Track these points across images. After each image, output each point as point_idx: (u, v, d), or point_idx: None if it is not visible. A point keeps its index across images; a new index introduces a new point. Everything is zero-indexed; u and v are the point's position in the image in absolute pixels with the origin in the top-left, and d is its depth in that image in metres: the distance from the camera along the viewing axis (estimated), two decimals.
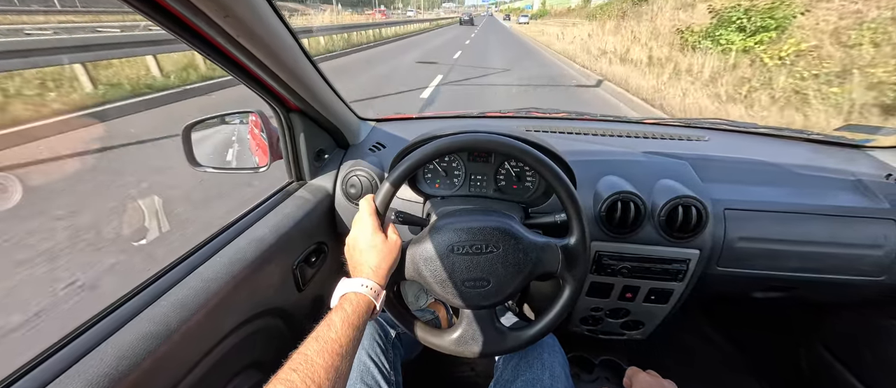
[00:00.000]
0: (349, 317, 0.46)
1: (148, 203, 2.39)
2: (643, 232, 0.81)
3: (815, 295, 0.97)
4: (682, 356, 1.34)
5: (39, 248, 1.94)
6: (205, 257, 0.62)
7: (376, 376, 0.70)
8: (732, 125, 1.18)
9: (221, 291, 0.58)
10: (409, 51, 12.15)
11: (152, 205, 2.36)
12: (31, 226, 2.11)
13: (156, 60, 5.53)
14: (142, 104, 4.61)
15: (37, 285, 1.70)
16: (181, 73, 5.77)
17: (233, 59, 0.57)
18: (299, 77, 0.69)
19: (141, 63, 5.60)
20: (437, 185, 0.85)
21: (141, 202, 2.44)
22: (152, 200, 2.44)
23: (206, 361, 0.56)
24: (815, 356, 1.10)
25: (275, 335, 0.77)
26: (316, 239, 0.89)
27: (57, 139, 3.57)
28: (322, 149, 0.93)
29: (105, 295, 1.64)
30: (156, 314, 0.50)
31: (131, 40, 5.07)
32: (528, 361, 0.72)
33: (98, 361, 0.43)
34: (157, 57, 5.53)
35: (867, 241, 0.80)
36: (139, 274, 0.58)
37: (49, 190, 2.54)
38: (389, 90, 5.98)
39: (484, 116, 1.26)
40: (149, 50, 5.34)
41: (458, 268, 0.59)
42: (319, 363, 0.40)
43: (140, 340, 0.46)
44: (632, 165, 0.89)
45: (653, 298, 0.89)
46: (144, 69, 5.56)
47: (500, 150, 0.60)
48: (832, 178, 0.90)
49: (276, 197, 0.86)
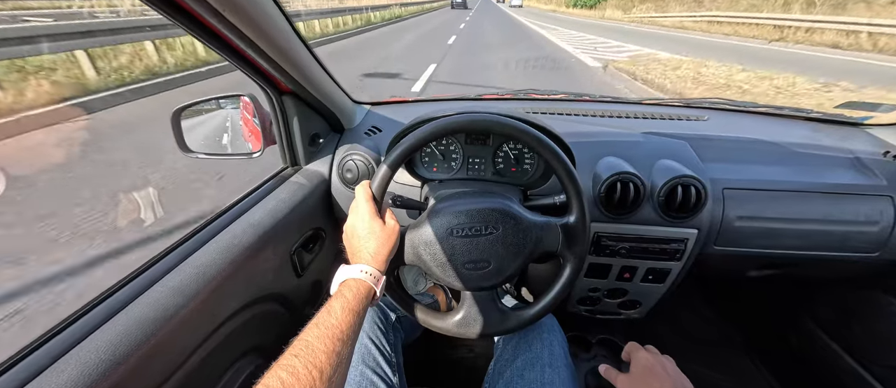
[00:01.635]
0: (349, 303, 0.46)
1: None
2: (642, 212, 0.81)
3: (810, 272, 0.98)
4: (678, 334, 1.37)
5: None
6: (200, 242, 0.61)
7: (378, 358, 0.71)
8: (732, 104, 1.18)
9: (218, 276, 0.57)
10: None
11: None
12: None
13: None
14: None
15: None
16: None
17: (222, 37, 0.54)
18: (291, 58, 0.67)
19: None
20: (435, 168, 0.84)
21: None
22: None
23: (206, 346, 0.56)
24: (807, 332, 1.13)
25: (275, 321, 0.77)
26: (313, 225, 0.88)
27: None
28: (317, 133, 0.92)
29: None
30: (152, 300, 0.49)
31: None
32: (527, 340, 0.72)
33: (94, 347, 0.42)
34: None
35: (863, 218, 0.81)
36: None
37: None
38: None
39: (481, 98, 1.25)
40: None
41: (458, 251, 0.58)
42: (321, 348, 0.40)
43: (137, 325, 0.46)
44: (631, 145, 0.88)
45: (650, 278, 0.90)
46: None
47: (497, 130, 0.59)
48: (830, 156, 0.90)
49: (270, 182, 0.85)
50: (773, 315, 1.27)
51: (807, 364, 1.15)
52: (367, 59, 7.61)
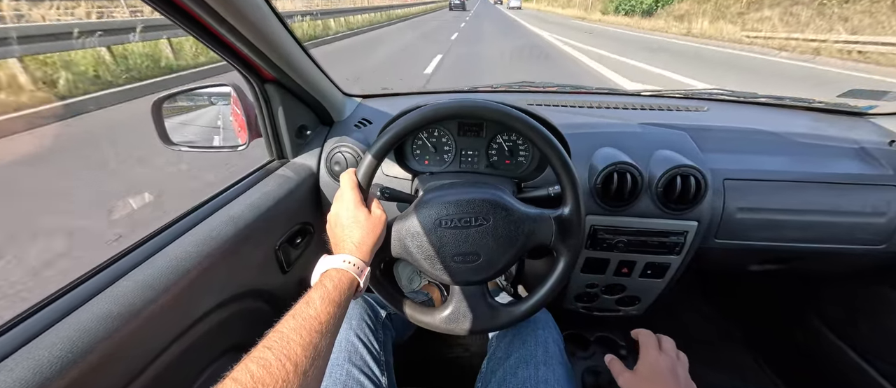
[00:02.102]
0: (330, 294, 0.44)
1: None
2: (640, 204, 0.78)
3: (814, 266, 0.95)
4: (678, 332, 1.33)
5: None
6: (174, 235, 0.58)
7: (365, 356, 0.68)
8: (732, 95, 1.15)
9: (193, 271, 0.54)
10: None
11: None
12: None
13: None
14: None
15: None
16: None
17: (199, 21, 0.52)
18: (273, 44, 0.64)
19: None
20: (427, 161, 0.82)
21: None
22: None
23: (179, 343, 0.53)
24: (811, 328, 1.10)
25: (258, 319, 0.74)
26: (300, 219, 0.85)
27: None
28: (304, 125, 0.89)
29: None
30: (117, 295, 0.46)
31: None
32: (521, 337, 0.70)
33: (49, 343, 0.39)
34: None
35: (869, 208, 0.78)
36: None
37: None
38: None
39: (476, 90, 1.22)
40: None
41: (447, 242, 0.56)
42: (296, 340, 0.37)
43: (98, 321, 0.43)
44: (628, 136, 0.85)
45: (649, 272, 0.87)
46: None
47: (486, 116, 0.57)
48: (834, 145, 0.87)
49: (255, 175, 0.82)
50: (775, 311, 1.24)
51: (810, 361, 1.12)
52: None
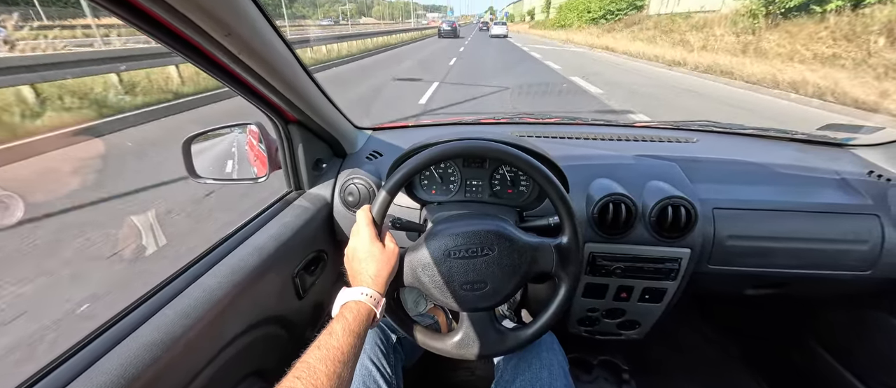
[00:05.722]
0: (350, 325, 0.47)
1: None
2: (635, 233, 0.83)
3: (807, 291, 0.98)
4: (679, 355, 1.35)
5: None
6: (207, 266, 0.63)
7: (378, 379, 0.71)
8: (720, 127, 1.21)
9: (224, 299, 0.59)
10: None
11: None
12: None
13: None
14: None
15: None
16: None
17: (233, 74, 0.58)
18: (297, 89, 0.70)
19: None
20: (434, 191, 0.86)
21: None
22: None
23: (209, 369, 0.57)
24: (809, 351, 1.12)
25: (276, 343, 0.78)
26: (315, 247, 0.90)
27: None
28: (320, 158, 0.95)
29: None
30: (160, 324, 0.51)
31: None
32: (527, 360, 0.73)
33: (103, 372, 0.44)
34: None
35: (852, 236, 0.82)
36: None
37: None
38: None
39: (478, 122, 1.29)
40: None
41: (456, 272, 0.60)
42: (322, 370, 0.41)
43: (144, 349, 0.47)
44: (622, 167, 0.91)
45: (647, 297, 0.91)
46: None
47: (491, 156, 0.61)
48: (817, 176, 0.92)
49: (275, 206, 0.87)
50: (774, 334, 1.27)
51: (809, 382, 1.13)
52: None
